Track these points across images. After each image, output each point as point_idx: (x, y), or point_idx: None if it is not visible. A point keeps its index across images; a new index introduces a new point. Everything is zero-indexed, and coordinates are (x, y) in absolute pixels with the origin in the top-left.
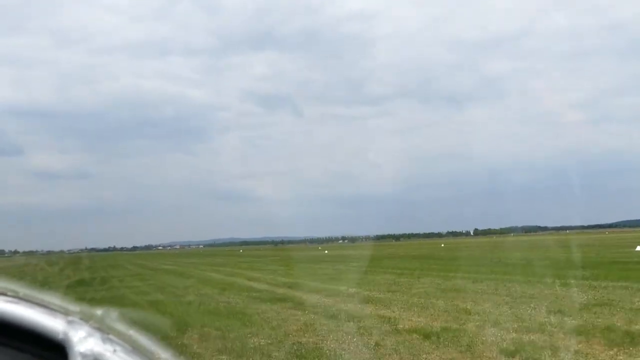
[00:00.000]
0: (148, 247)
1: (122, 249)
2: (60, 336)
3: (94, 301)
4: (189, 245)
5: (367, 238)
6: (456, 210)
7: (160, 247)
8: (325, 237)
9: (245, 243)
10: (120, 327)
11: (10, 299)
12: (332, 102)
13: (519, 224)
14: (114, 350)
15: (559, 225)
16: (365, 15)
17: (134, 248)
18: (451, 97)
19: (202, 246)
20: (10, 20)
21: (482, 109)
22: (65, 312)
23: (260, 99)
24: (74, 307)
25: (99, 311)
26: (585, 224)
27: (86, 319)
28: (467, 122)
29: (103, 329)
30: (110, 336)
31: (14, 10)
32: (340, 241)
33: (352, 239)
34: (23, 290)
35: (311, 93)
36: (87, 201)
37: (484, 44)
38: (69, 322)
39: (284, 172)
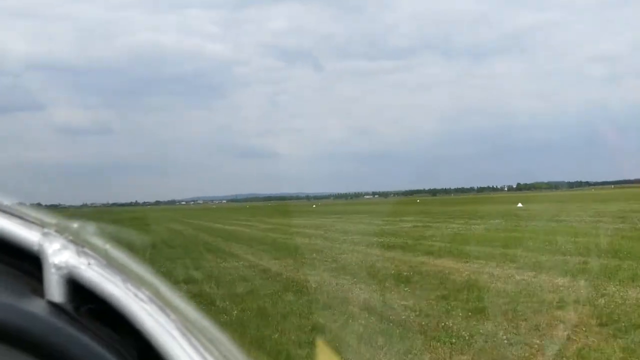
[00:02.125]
0: (171, 202)
1: (144, 203)
2: (35, 247)
3: None
4: (212, 201)
5: (397, 193)
6: (485, 166)
7: (183, 202)
8: (354, 193)
9: (268, 198)
10: (97, 241)
11: None
12: (354, 56)
13: (544, 179)
14: (89, 264)
15: (599, 180)
16: None
17: (157, 203)
18: (475, 51)
19: (224, 201)
20: None
21: (506, 63)
22: (41, 224)
23: (280, 53)
24: (50, 219)
25: (75, 224)
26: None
27: (62, 231)
28: (490, 76)
29: (78, 242)
30: (85, 249)
31: None
32: (369, 196)
33: (384, 194)
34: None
35: (332, 47)
36: (108, 157)
37: None
38: (44, 234)
39: (304, 128)
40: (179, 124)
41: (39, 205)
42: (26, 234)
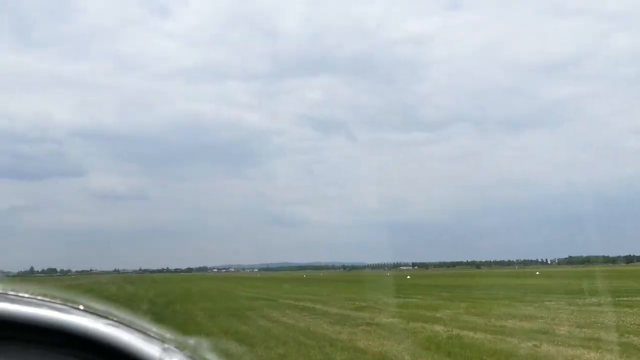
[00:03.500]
0: (203, 269)
1: (175, 270)
2: None
3: None
4: (243, 269)
5: (437, 264)
6: (525, 239)
7: (215, 270)
8: (392, 263)
9: (301, 268)
10: (212, 357)
11: (110, 322)
12: (387, 127)
13: (590, 253)
14: None
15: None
16: (420, 39)
17: (189, 270)
18: (507, 123)
19: (256, 270)
20: (76, 46)
21: (539, 135)
22: (161, 339)
23: (314, 124)
24: (169, 334)
25: (191, 340)
26: None
27: (180, 347)
28: (523, 148)
29: (196, 358)
30: None
31: (79, 37)
32: (408, 267)
33: (423, 265)
34: (122, 315)
35: (365, 118)
36: (142, 223)
37: (543, 67)
38: (165, 350)
39: (338, 196)
40: (214, 192)
41: (69, 270)
42: (148, 349)
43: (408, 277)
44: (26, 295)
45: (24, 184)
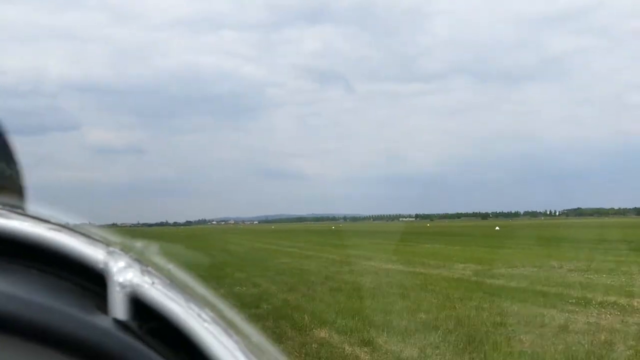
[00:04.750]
0: (202, 222)
1: (174, 224)
2: (100, 266)
3: None
4: (243, 221)
5: (441, 216)
6: (526, 191)
7: (214, 222)
8: (391, 215)
9: (300, 219)
10: (160, 261)
11: (53, 226)
12: (386, 78)
13: (583, 205)
14: (152, 283)
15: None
16: None
17: (188, 223)
18: (508, 76)
19: (256, 222)
20: None
21: (541, 89)
22: (106, 243)
23: (313, 75)
24: (115, 238)
25: (138, 244)
26: None
27: (126, 250)
28: (524, 102)
29: (142, 261)
30: (149, 269)
31: None
32: (412, 219)
33: (427, 217)
34: (66, 218)
35: (364, 69)
36: (140, 177)
37: (548, 19)
38: (109, 253)
39: (336, 149)
40: (211, 145)
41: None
42: (92, 252)
43: (497, 227)
44: None
45: (18, 138)
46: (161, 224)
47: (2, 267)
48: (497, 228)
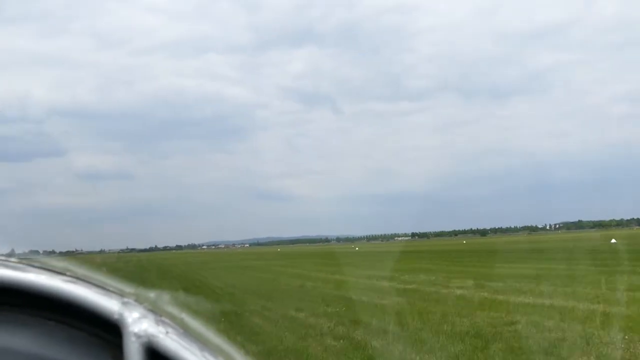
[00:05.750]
0: (192, 246)
1: (164, 248)
2: (115, 316)
3: None
4: (233, 245)
5: (439, 234)
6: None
7: (204, 247)
8: (389, 234)
9: (294, 242)
10: (173, 310)
11: (68, 278)
12: (372, 97)
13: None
14: (167, 332)
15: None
16: (405, 7)
17: (179, 247)
18: (494, 92)
19: (247, 245)
20: (54, 22)
21: (526, 104)
22: (120, 294)
23: (299, 96)
24: (129, 288)
25: (152, 294)
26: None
27: (140, 301)
28: (510, 117)
29: (156, 312)
30: (163, 318)
31: (57, 12)
32: (407, 238)
33: (423, 235)
34: (81, 270)
35: (351, 89)
36: (128, 202)
37: (530, 35)
38: (124, 303)
39: (324, 170)
40: (199, 168)
41: (53, 252)
42: (107, 303)
43: (613, 240)
44: None
45: (4, 165)
46: (151, 249)
47: (21, 320)
48: (613, 241)
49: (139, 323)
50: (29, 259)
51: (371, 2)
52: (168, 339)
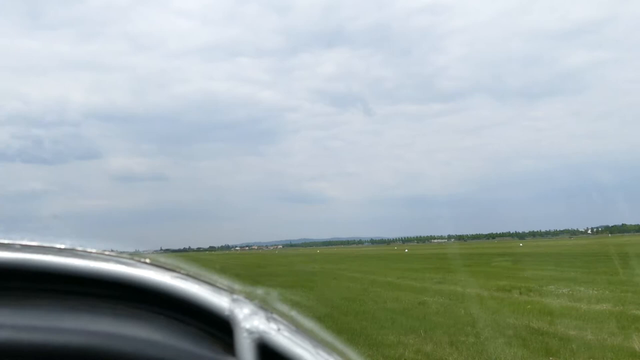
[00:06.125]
0: (226, 247)
1: (198, 249)
2: (226, 313)
3: None
4: (266, 246)
5: (475, 236)
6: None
7: (237, 248)
8: (424, 236)
9: (326, 243)
10: (282, 307)
11: (179, 275)
12: (403, 99)
13: (627, 221)
14: (278, 329)
15: None
16: (436, 8)
17: (212, 248)
18: (526, 92)
19: (280, 246)
20: (90, 27)
21: (559, 104)
22: (230, 290)
23: (330, 99)
24: (238, 286)
25: (260, 290)
26: None
27: (250, 297)
28: (544, 118)
29: (267, 308)
30: (274, 315)
31: (93, 18)
32: (444, 240)
33: (460, 237)
34: (190, 267)
35: (382, 91)
36: (162, 203)
37: (562, 34)
38: (234, 300)
39: (356, 172)
40: (231, 170)
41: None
42: (217, 300)
43: None
44: (94, 250)
45: (43, 167)
46: (184, 250)
47: (132, 314)
48: None
49: (250, 319)
50: (139, 255)
51: (402, 3)
52: (280, 336)
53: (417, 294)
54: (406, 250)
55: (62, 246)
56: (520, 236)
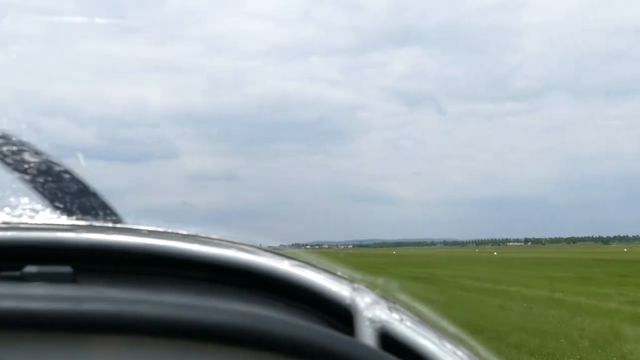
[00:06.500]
0: (296, 246)
1: (268, 247)
2: (347, 301)
3: None
4: (337, 245)
5: (554, 240)
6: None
7: (308, 246)
8: (499, 239)
9: (398, 244)
10: (404, 297)
11: (298, 263)
12: (476, 98)
13: None
14: (401, 319)
15: None
16: (510, 4)
17: (282, 246)
18: (606, 90)
19: (350, 246)
20: (167, 30)
21: None
22: (350, 279)
23: (401, 97)
24: (358, 275)
25: (380, 280)
26: None
27: (371, 287)
28: (625, 117)
29: (389, 298)
30: (396, 305)
31: (170, 21)
32: (519, 243)
33: (536, 241)
34: (310, 256)
35: (454, 89)
36: (234, 202)
37: None
38: (355, 289)
39: (427, 172)
40: (302, 169)
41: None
42: (337, 288)
43: None
44: (215, 237)
45: (127, 166)
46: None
47: (253, 300)
48: None
49: (372, 309)
50: (258, 243)
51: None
52: (402, 326)
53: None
54: (495, 254)
55: (186, 232)
56: (604, 241)
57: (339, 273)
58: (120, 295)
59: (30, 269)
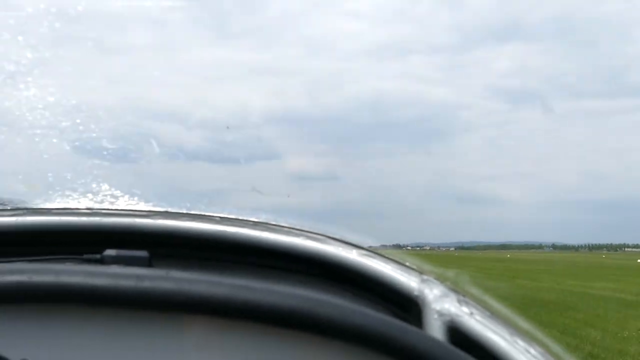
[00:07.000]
0: (397, 247)
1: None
2: (415, 293)
3: None
4: (438, 247)
5: None
6: None
7: (409, 247)
8: (615, 244)
9: (503, 247)
10: (475, 291)
11: (367, 252)
12: (587, 94)
13: None
14: (471, 313)
15: None
16: None
17: (383, 247)
18: None
19: (452, 248)
20: (268, 34)
21: None
22: (419, 270)
23: (505, 96)
24: (427, 266)
25: (451, 272)
26: None
27: (441, 279)
28: None
29: (459, 291)
30: (467, 299)
31: (271, 25)
32: (637, 250)
33: None
34: (375, 245)
35: (562, 86)
36: (333, 202)
37: None
38: (424, 281)
39: (532, 173)
40: (400, 169)
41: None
42: (405, 279)
43: None
44: (285, 225)
45: (234, 167)
46: None
47: (321, 288)
48: None
49: (441, 301)
50: (327, 231)
51: None
52: (472, 320)
53: None
54: (639, 261)
55: (257, 220)
56: None
57: (407, 264)
58: (184, 276)
59: (110, 252)
